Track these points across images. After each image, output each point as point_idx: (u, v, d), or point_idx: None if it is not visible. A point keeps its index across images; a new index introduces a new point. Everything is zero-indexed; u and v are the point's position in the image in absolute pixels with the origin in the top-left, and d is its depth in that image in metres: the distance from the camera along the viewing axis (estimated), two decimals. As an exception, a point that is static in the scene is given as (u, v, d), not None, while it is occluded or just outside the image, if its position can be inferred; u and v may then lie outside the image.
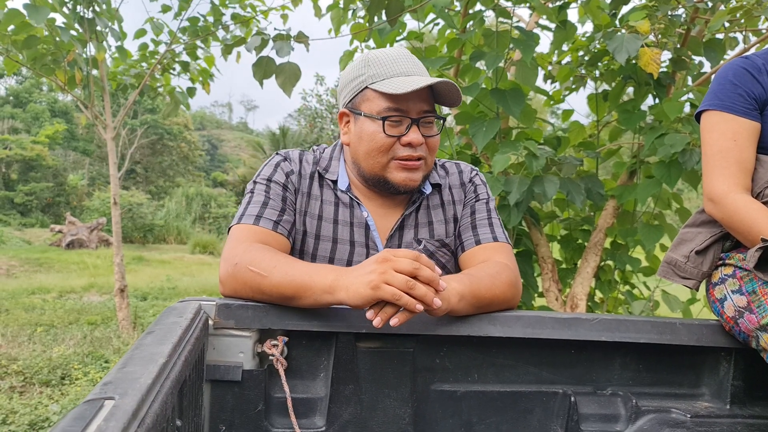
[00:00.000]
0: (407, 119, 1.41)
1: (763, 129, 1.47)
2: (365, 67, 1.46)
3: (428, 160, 1.48)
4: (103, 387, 0.72)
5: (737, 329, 1.41)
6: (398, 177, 1.44)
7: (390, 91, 1.37)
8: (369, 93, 1.44)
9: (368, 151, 1.44)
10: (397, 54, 1.46)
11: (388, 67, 1.43)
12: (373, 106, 1.42)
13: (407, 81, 1.38)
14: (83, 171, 26.41)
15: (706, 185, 1.50)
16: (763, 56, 1.52)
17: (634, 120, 3.00)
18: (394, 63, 1.43)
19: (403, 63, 1.44)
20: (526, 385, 1.38)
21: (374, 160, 1.45)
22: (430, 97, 1.45)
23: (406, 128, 1.41)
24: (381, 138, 1.42)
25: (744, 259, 1.44)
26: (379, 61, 1.44)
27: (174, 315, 1.09)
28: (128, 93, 6.13)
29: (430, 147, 1.46)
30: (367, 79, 1.44)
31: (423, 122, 1.43)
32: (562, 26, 2.99)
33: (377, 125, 1.42)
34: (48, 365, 4.59)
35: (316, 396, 1.29)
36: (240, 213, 1.44)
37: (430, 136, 1.45)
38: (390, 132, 1.41)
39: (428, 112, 1.44)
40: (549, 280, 3.22)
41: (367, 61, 1.46)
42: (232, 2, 5.01)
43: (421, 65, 1.47)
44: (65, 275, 10.63)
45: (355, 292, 1.12)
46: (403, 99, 1.40)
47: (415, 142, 1.41)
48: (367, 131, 1.43)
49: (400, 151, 1.42)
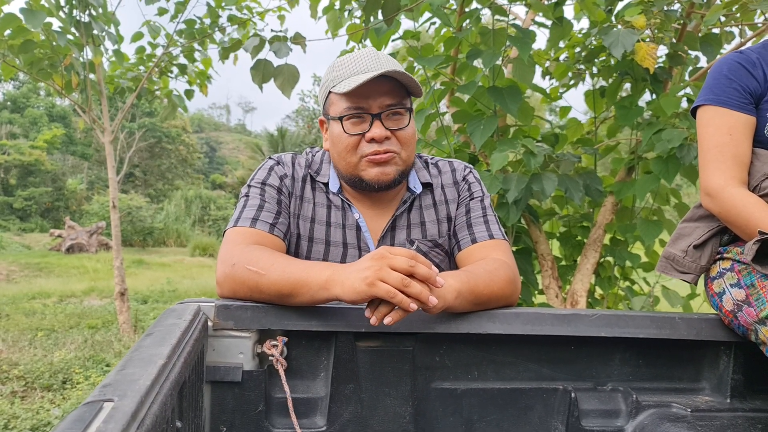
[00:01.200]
0: (368, 115, 1.41)
1: (759, 123, 1.47)
2: (330, 72, 1.48)
3: (402, 154, 1.46)
4: (102, 389, 0.72)
5: (736, 323, 1.42)
6: (370, 174, 1.44)
7: (341, 91, 1.39)
8: (332, 96, 1.46)
9: (339, 153, 1.46)
10: (360, 54, 1.46)
11: (347, 68, 1.43)
12: (336, 108, 1.45)
13: (360, 78, 1.38)
14: (82, 175, 26.42)
15: (702, 180, 1.50)
16: (758, 50, 1.52)
17: (631, 116, 3.00)
18: (353, 63, 1.44)
19: (363, 62, 1.43)
20: (526, 382, 1.39)
21: (346, 161, 1.46)
22: (396, 89, 1.43)
23: (369, 124, 1.42)
24: (345, 138, 1.43)
25: (742, 253, 1.45)
26: (341, 64, 1.46)
27: (173, 316, 1.09)
28: (126, 96, 6.13)
29: (401, 140, 1.45)
30: (329, 83, 1.46)
31: (387, 116, 1.43)
32: (558, 23, 2.99)
33: (340, 126, 1.43)
34: (49, 370, 4.59)
35: (317, 396, 1.29)
36: (236, 216, 1.44)
37: (398, 129, 1.44)
38: (350, 130, 1.42)
39: (392, 105, 1.42)
40: (549, 277, 3.23)
41: (332, 67, 1.49)
42: (228, 4, 5.01)
43: (386, 61, 1.45)
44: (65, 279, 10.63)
45: (350, 287, 1.12)
46: (362, 96, 1.40)
47: (378, 136, 1.41)
48: (335, 133, 1.46)
49: (367, 148, 1.43)
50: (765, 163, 1.45)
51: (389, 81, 1.41)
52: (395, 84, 1.43)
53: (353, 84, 1.37)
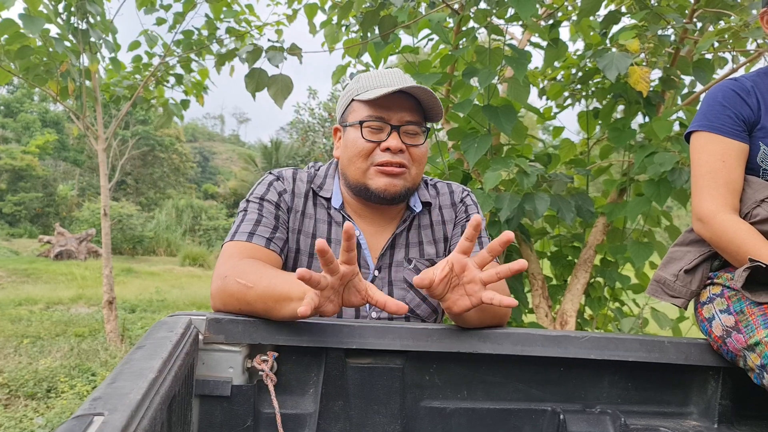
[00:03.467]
0: (387, 126, 1.45)
1: (752, 150, 1.49)
2: (355, 83, 1.54)
3: (412, 171, 1.49)
4: (92, 402, 0.72)
5: (725, 348, 1.42)
6: (378, 183, 1.46)
7: (368, 98, 1.43)
8: (354, 104, 1.51)
9: (350, 157, 1.49)
10: (388, 71, 1.52)
11: (373, 81, 1.49)
12: (356, 115, 1.49)
13: (385, 90, 1.43)
14: (73, 181, 26.29)
15: (695, 205, 1.51)
16: (752, 78, 1.54)
17: (624, 138, 3.02)
18: (380, 77, 1.49)
19: (390, 77, 1.49)
20: (515, 403, 1.38)
21: (355, 165, 1.48)
22: (417, 109, 1.48)
23: (387, 135, 1.45)
24: (361, 143, 1.46)
25: (732, 279, 1.46)
26: (367, 77, 1.51)
27: (164, 329, 1.08)
28: (121, 104, 6.13)
29: (414, 157, 1.49)
30: (353, 92, 1.52)
31: (405, 131, 1.47)
32: (553, 44, 3.02)
33: (358, 132, 1.47)
34: (34, 378, 4.54)
35: (306, 412, 1.28)
36: (233, 230, 1.45)
37: (413, 145, 1.48)
38: (369, 137, 1.45)
39: (411, 122, 1.47)
40: (539, 296, 3.23)
41: (357, 78, 1.54)
42: (227, 17, 5.03)
43: (410, 81, 1.50)
44: (53, 286, 10.54)
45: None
46: (385, 107, 1.45)
47: (394, 147, 1.44)
48: (350, 138, 1.49)
49: (379, 157, 1.46)
50: (757, 191, 1.47)
51: (412, 100, 1.47)
52: (417, 105, 1.48)
53: (378, 93, 1.42)
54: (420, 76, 3.01)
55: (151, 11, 5.23)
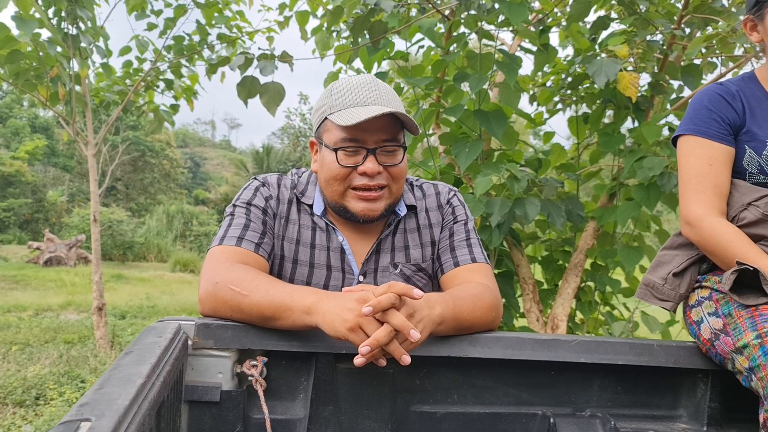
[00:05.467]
0: (363, 149, 1.41)
1: (738, 154, 1.50)
2: (328, 96, 1.46)
3: (392, 188, 1.47)
4: (79, 408, 0.71)
5: (714, 351, 1.43)
6: (357, 207, 1.45)
7: (342, 123, 1.37)
8: (328, 123, 1.45)
9: (327, 180, 1.46)
10: (359, 82, 1.45)
11: (347, 97, 1.42)
12: (331, 137, 1.43)
13: (361, 111, 1.37)
14: (63, 187, 26.14)
15: (682, 209, 1.52)
16: (737, 83, 1.55)
17: (613, 143, 3.04)
18: (353, 92, 1.43)
19: (363, 92, 1.43)
20: (505, 407, 1.39)
21: (332, 188, 1.45)
22: (393, 125, 1.43)
23: (363, 158, 1.41)
24: (336, 168, 1.42)
25: (720, 282, 1.46)
26: (340, 90, 1.44)
27: (153, 335, 1.08)
28: (111, 110, 6.10)
29: (393, 175, 1.45)
30: (327, 109, 1.45)
31: (382, 151, 1.43)
32: (543, 49, 3.04)
33: (333, 155, 1.42)
34: (22, 385, 4.50)
35: (295, 417, 1.28)
36: (221, 235, 1.43)
37: (391, 165, 1.44)
38: (344, 162, 1.41)
39: (387, 140, 1.42)
40: (530, 300, 3.24)
41: (330, 90, 1.47)
42: (218, 22, 5.03)
43: (385, 92, 1.45)
44: (42, 293, 10.45)
45: (330, 324, 1.13)
46: (359, 129, 1.39)
47: (370, 171, 1.41)
48: (326, 160, 1.45)
49: (357, 180, 1.43)
50: (743, 194, 1.48)
51: (388, 116, 1.41)
52: (392, 119, 1.43)
53: (353, 119, 1.36)
54: (413, 79, 3.02)
55: (142, 17, 5.22)
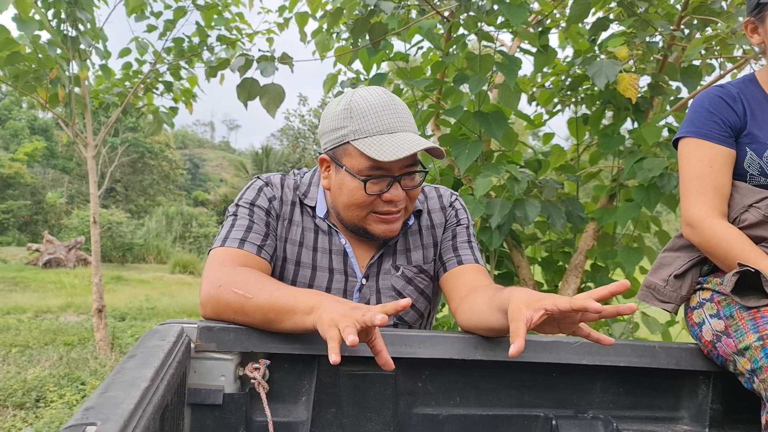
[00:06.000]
0: (389, 177, 1.39)
1: (738, 156, 1.50)
2: (348, 119, 1.38)
3: (409, 207, 1.48)
4: (84, 412, 0.71)
5: (715, 353, 1.43)
6: (378, 229, 1.44)
7: (378, 158, 1.32)
8: (351, 149, 1.38)
9: (347, 205, 1.43)
10: (379, 104, 1.39)
11: (370, 122, 1.36)
12: (355, 163, 1.38)
13: (391, 142, 1.34)
14: (62, 189, 26.12)
15: (683, 211, 1.53)
16: (738, 85, 1.56)
17: (613, 144, 3.04)
18: (376, 116, 1.37)
19: (387, 117, 1.37)
20: (507, 409, 1.39)
21: (353, 213, 1.44)
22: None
23: (387, 185, 1.39)
24: (361, 195, 1.39)
25: (721, 284, 1.47)
26: (362, 113, 1.37)
27: (156, 338, 1.08)
28: (110, 111, 6.10)
29: (411, 196, 1.46)
30: (349, 134, 1.38)
31: (406, 176, 1.41)
32: (543, 51, 3.04)
33: (358, 183, 1.38)
34: (22, 387, 4.50)
35: (298, 420, 1.28)
36: (223, 236, 1.42)
37: (411, 188, 1.44)
38: (371, 191, 1.39)
39: (411, 165, 1.41)
40: (530, 302, 3.23)
41: (350, 112, 1.38)
42: (218, 24, 5.03)
43: (404, 115, 1.41)
44: (42, 295, 10.45)
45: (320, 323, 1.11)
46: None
47: (396, 198, 1.40)
48: (348, 186, 1.40)
49: (380, 206, 1.41)
50: (744, 196, 1.48)
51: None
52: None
53: (389, 155, 1.31)
54: (412, 81, 3.02)
55: (142, 18, 5.22)
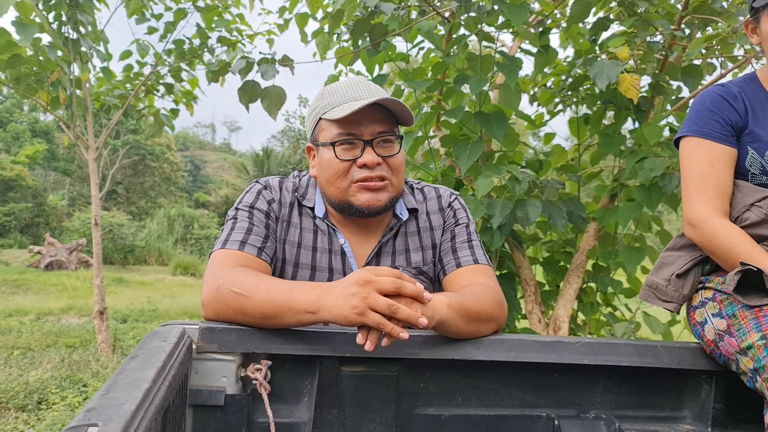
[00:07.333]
0: (360, 141, 1.43)
1: (740, 155, 1.50)
2: (320, 99, 1.50)
3: (393, 181, 1.48)
4: (86, 413, 0.71)
5: (718, 352, 1.43)
6: (361, 199, 1.45)
7: (336, 117, 1.40)
8: (323, 123, 1.48)
9: (328, 178, 1.47)
10: (350, 82, 1.49)
11: (339, 96, 1.46)
12: (327, 135, 1.46)
13: (354, 105, 1.40)
14: (63, 191, 26.14)
15: (685, 210, 1.52)
16: (739, 84, 1.56)
17: (614, 144, 3.04)
18: (344, 91, 1.46)
19: (354, 89, 1.46)
20: (509, 409, 1.38)
21: (335, 186, 1.46)
22: (387, 117, 1.46)
23: (361, 150, 1.43)
24: (336, 163, 1.44)
25: (723, 283, 1.46)
26: (331, 91, 1.48)
27: (158, 339, 1.08)
28: (111, 113, 6.11)
29: (392, 167, 1.47)
30: (320, 110, 1.48)
31: (379, 142, 1.45)
32: (543, 51, 3.04)
33: (331, 152, 1.44)
34: (24, 389, 4.50)
35: (300, 420, 1.28)
36: (223, 238, 1.43)
37: (389, 156, 1.46)
38: (342, 156, 1.43)
39: (383, 132, 1.45)
40: (532, 302, 3.24)
41: (321, 94, 1.50)
42: (218, 26, 5.03)
43: (376, 90, 1.48)
44: (43, 297, 10.45)
45: (339, 314, 1.13)
46: (354, 123, 1.42)
47: (370, 162, 1.42)
48: (325, 159, 1.46)
49: (358, 174, 1.44)
50: (746, 195, 1.48)
51: (381, 109, 1.44)
52: (386, 113, 1.46)
53: (347, 111, 1.39)
54: (413, 82, 3.02)
55: (142, 20, 5.23)
